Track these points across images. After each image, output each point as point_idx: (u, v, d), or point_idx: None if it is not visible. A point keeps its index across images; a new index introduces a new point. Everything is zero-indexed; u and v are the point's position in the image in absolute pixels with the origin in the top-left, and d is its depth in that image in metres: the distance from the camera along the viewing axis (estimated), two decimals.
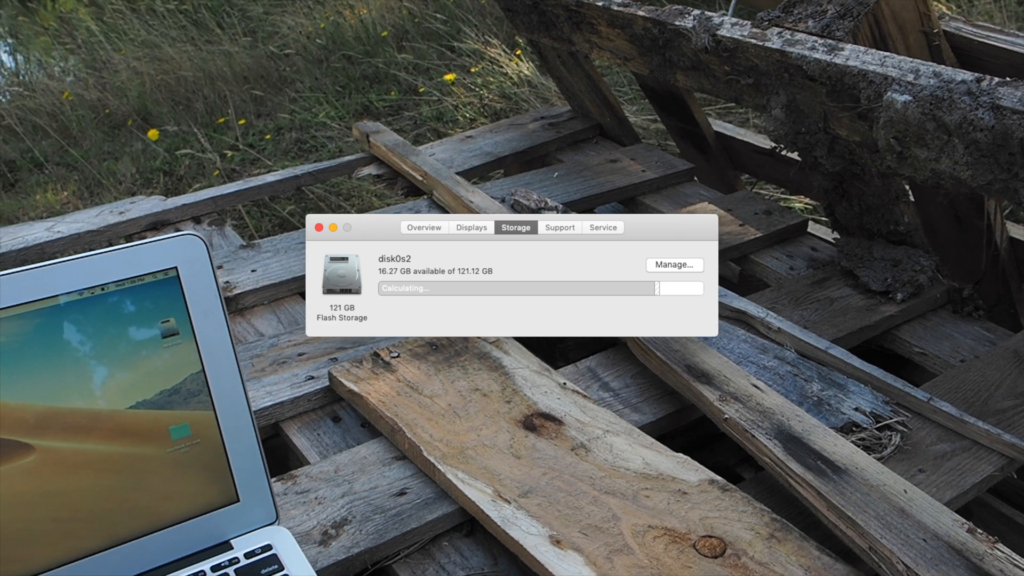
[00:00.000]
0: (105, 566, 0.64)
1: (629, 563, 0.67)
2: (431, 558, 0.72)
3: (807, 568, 0.67)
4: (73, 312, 0.63)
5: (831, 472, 0.71)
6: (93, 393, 0.63)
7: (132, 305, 0.64)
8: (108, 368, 0.63)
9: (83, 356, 0.63)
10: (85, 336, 0.63)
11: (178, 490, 0.66)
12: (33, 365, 0.61)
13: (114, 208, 1.18)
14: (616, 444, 0.78)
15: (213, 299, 0.67)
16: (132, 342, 0.64)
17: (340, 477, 0.77)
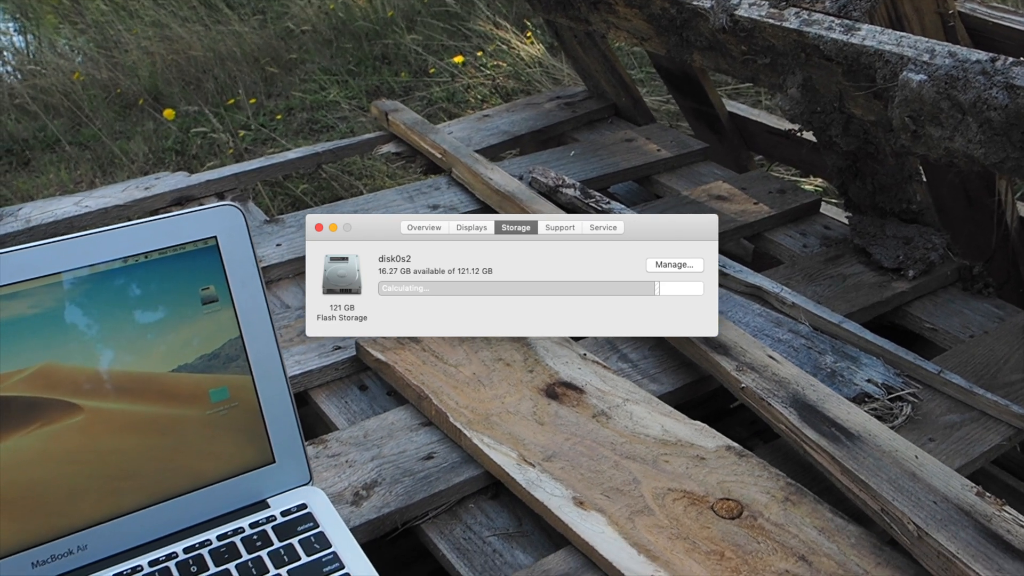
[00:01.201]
0: (149, 522, 0.67)
1: (650, 523, 0.69)
2: (458, 519, 0.75)
3: (821, 529, 0.69)
4: (119, 279, 0.65)
5: (845, 439, 0.74)
6: (137, 357, 0.66)
7: (174, 273, 0.67)
8: (151, 333, 0.66)
9: (128, 321, 0.65)
10: (130, 302, 0.65)
11: (217, 451, 0.69)
12: (80, 329, 0.64)
13: (139, 184, 1.21)
14: (636, 412, 0.80)
15: (250, 267, 0.69)
16: (174, 308, 0.67)
17: (369, 442, 0.79)
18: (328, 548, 0.67)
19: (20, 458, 0.63)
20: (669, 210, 1.20)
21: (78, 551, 0.65)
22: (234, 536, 0.67)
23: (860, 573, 0.66)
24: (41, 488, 0.63)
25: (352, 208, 1.16)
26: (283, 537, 0.67)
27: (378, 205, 1.17)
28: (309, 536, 0.68)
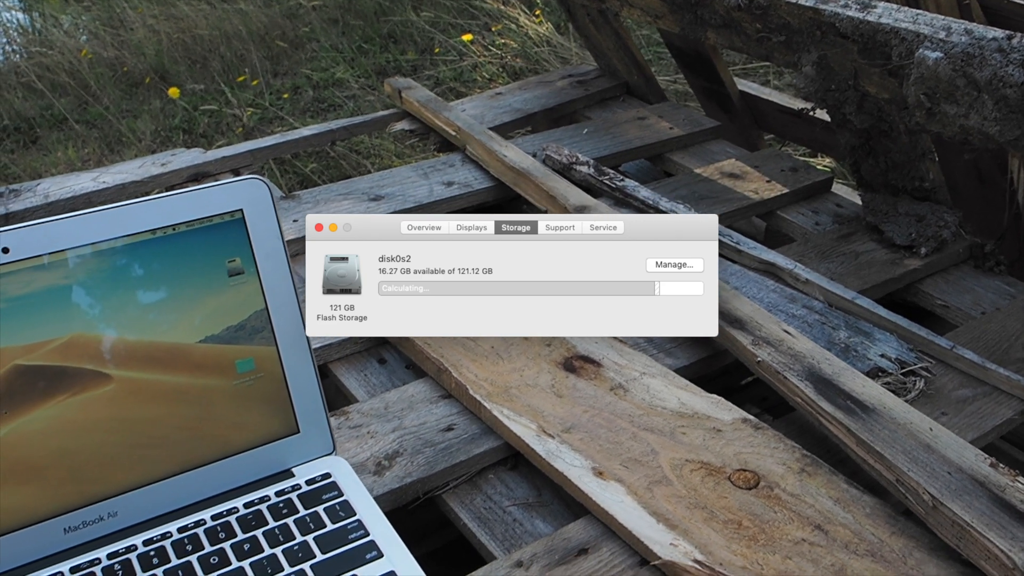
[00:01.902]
0: (177, 490, 0.68)
1: (668, 493, 0.70)
2: (478, 489, 0.76)
3: (836, 499, 0.70)
4: (147, 251, 0.66)
5: (860, 411, 0.75)
6: (165, 328, 0.67)
7: (201, 245, 0.68)
8: (179, 304, 0.67)
9: (156, 292, 0.66)
10: (158, 274, 0.66)
11: (243, 420, 0.70)
12: (110, 300, 0.65)
13: (156, 160, 1.21)
14: (652, 385, 0.81)
15: (276, 240, 0.70)
16: (201, 280, 0.68)
17: (390, 413, 0.80)
18: (353, 516, 0.68)
19: (52, 426, 0.64)
20: (681, 188, 1.21)
21: (108, 518, 0.66)
22: (260, 504, 0.69)
23: (875, 542, 0.67)
24: (72, 456, 0.64)
25: (368, 185, 1.17)
26: (308, 505, 0.69)
27: (393, 182, 1.18)
28: (334, 504, 0.69)
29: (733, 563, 0.65)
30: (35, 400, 0.63)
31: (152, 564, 0.64)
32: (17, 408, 0.63)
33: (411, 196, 1.14)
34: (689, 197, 1.17)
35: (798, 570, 0.64)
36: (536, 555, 0.67)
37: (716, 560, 0.65)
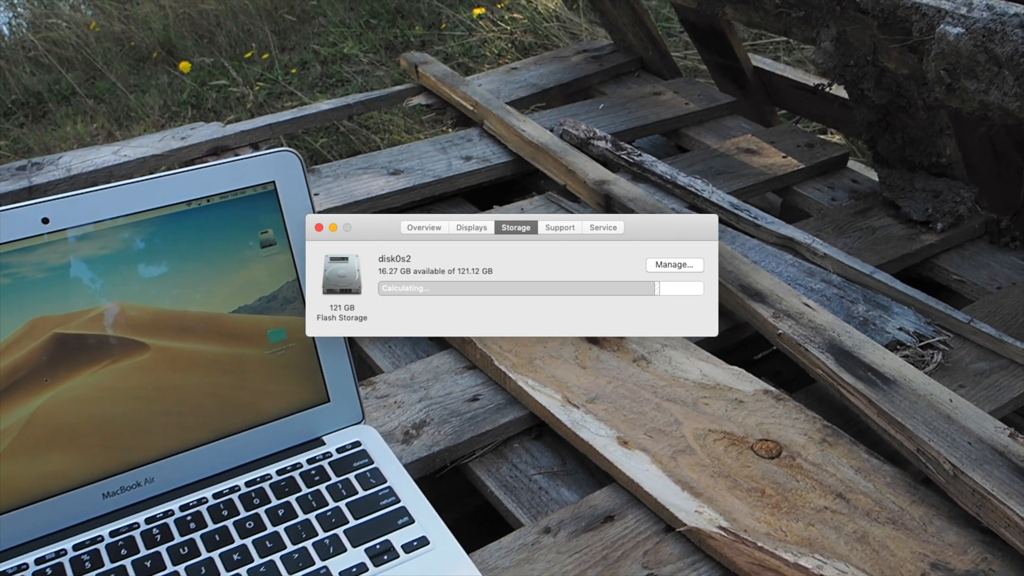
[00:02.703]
0: (212, 457, 0.69)
1: (692, 462, 0.72)
2: (504, 458, 0.77)
3: (857, 469, 0.72)
4: (183, 221, 0.67)
5: (880, 383, 0.76)
6: (200, 298, 0.68)
7: (234, 216, 0.69)
8: (213, 274, 0.68)
9: (190, 263, 0.67)
10: (192, 244, 0.67)
11: (275, 389, 0.71)
12: (147, 270, 0.66)
13: (175, 134, 1.22)
14: (674, 357, 0.83)
15: (307, 212, 0.71)
16: (234, 251, 0.69)
17: (416, 384, 0.82)
18: (384, 483, 0.69)
19: (90, 394, 0.65)
20: (698, 163, 1.21)
21: (145, 483, 0.67)
22: (293, 471, 0.70)
23: (896, 510, 0.68)
24: (111, 423, 0.66)
25: (387, 159, 1.17)
26: (340, 472, 0.70)
27: (412, 156, 1.18)
28: (365, 472, 0.70)
29: (757, 530, 0.66)
30: (74, 368, 0.64)
31: (189, 529, 0.65)
32: (57, 376, 0.64)
33: (430, 170, 1.15)
34: (706, 172, 1.18)
35: (821, 537, 0.66)
36: (563, 521, 0.69)
37: (740, 527, 0.66)
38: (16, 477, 0.63)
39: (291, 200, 0.70)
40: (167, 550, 0.64)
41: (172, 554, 0.64)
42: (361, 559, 0.64)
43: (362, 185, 1.12)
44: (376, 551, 0.64)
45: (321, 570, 0.63)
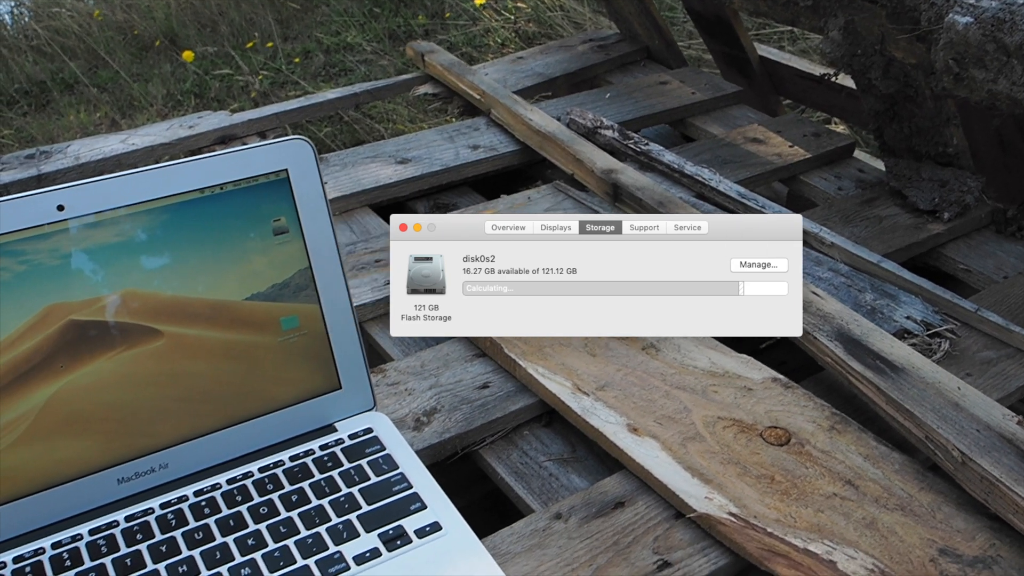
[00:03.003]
0: (225, 443, 0.70)
1: (702, 449, 0.72)
2: (514, 445, 0.78)
3: (866, 456, 0.72)
4: (196, 209, 0.67)
5: (889, 370, 0.77)
6: (213, 285, 0.68)
7: (247, 204, 0.69)
8: (226, 262, 0.69)
9: (204, 250, 0.68)
10: (206, 232, 0.68)
11: (288, 376, 0.72)
12: (160, 257, 0.66)
13: (183, 123, 1.22)
14: (683, 345, 0.83)
15: (319, 200, 0.71)
16: (247, 239, 0.69)
17: (426, 371, 0.82)
18: (396, 469, 0.70)
19: (106, 380, 0.65)
20: (705, 152, 1.22)
21: (160, 469, 0.68)
22: (305, 457, 0.71)
23: (905, 497, 0.69)
24: (125, 409, 0.66)
25: (395, 148, 1.18)
26: (352, 459, 0.71)
27: (419, 145, 1.19)
28: (377, 458, 0.71)
29: (767, 516, 0.66)
30: (89, 355, 0.65)
31: (204, 514, 0.66)
32: (72, 362, 0.64)
33: (438, 159, 1.15)
34: (712, 162, 1.18)
35: (830, 523, 0.66)
36: (574, 507, 0.69)
37: (750, 513, 0.67)
38: (32, 463, 0.64)
39: (304, 188, 0.71)
40: (182, 535, 0.64)
41: (187, 539, 0.64)
42: (374, 544, 0.64)
43: (370, 173, 1.12)
44: (389, 536, 0.65)
45: (335, 555, 0.63)
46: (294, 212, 0.71)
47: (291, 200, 0.70)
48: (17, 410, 0.63)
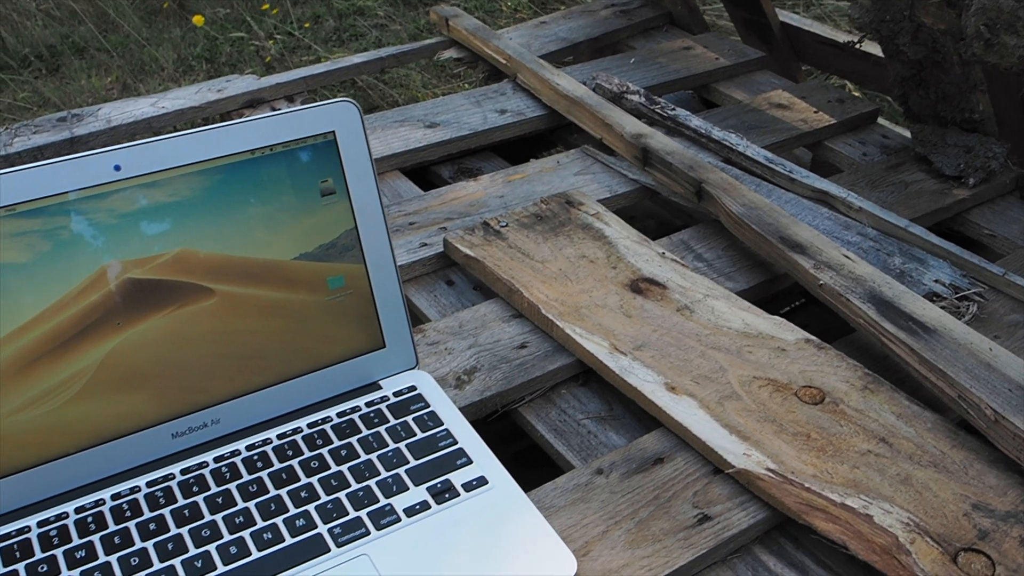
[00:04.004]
0: (274, 399, 0.72)
1: (738, 407, 0.74)
2: (552, 403, 0.79)
3: (898, 415, 0.74)
4: (247, 170, 0.69)
5: (921, 332, 0.78)
6: (263, 245, 0.70)
7: (295, 165, 0.70)
8: (276, 222, 0.70)
9: (254, 211, 0.69)
10: (256, 193, 0.69)
11: (334, 335, 0.73)
12: (213, 218, 0.68)
13: (211, 86, 1.23)
14: (717, 307, 0.85)
15: (365, 162, 0.73)
16: (296, 199, 0.70)
17: (465, 331, 0.84)
18: (441, 425, 0.72)
19: (160, 337, 0.67)
20: (731, 118, 1.22)
21: (212, 424, 0.70)
22: (352, 414, 0.72)
23: (937, 454, 0.70)
24: (179, 365, 0.68)
25: (423, 112, 1.19)
26: (398, 415, 0.72)
27: (447, 109, 1.19)
28: (422, 415, 0.72)
29: (804, 472, 0.68)
30: (145, 312, 0.66)
31: (256, 468, 0.68)
32: (129, 319, 0.66)
33: (466, 124, 1.16)
34: (738, 127, 1.19)
35: (866, 479, 0.68)
36: (615, 463, 0.71)
37: (788, 469, 0.68)
38: (91, 416, 0.65)
39: (350, 150, 0.72)
40: (236, 487, 0.66)
41: (241, 491, 0.66)
42: (423, 497, 0.66)
43: (399, 137, 1.13)
44: (437, 490, 0.67)
45: (386, 507, 0.65)
46: (341, 173, 0.72)
47: (338, 162, 0.72)
48: (77, 365, 0.65)
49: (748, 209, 0.93)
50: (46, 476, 0.65)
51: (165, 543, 0.62)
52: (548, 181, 1.06)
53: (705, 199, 0.98)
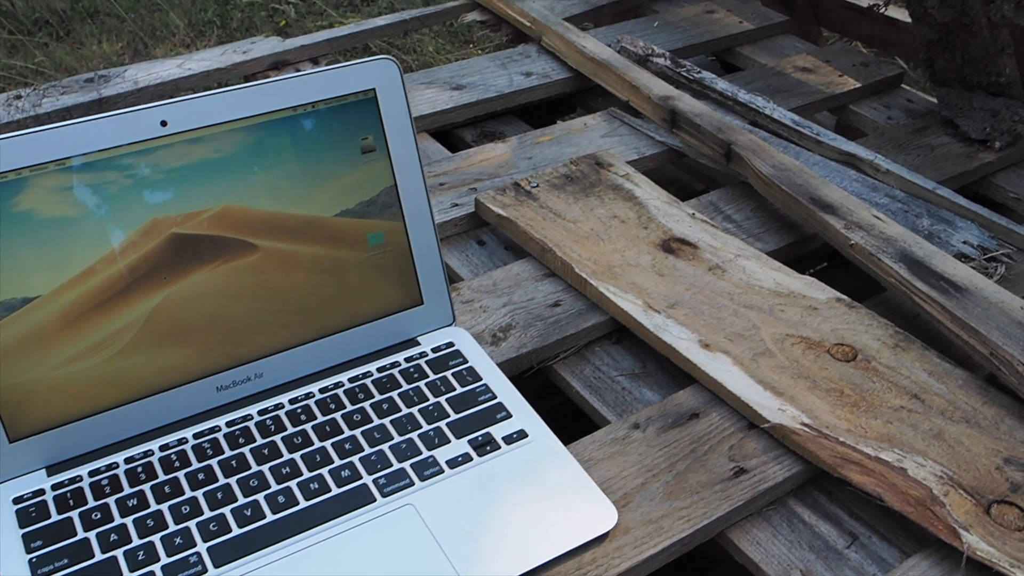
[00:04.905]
0: (315, 354, 0.73)
1: (772, 364, 0.75)
2: (587, 360, 0.80)
3: (930, 372, 0.75)
4: (290, 127, 0.69)
5: (953, 290, 0.79)
6: (305, 201, 0.70)
7: (337, 123, 0.71)
8: (317, 179, 0.71)
9: (296, 167, 0.70)
10: (298, 149, 0.70)
11: (373, 291, 0.74)
12: (257, 173, 0.68)
13: (237, 48, 1.23)
14: (748, 266, 0.85)
15: (404, 119, 0.73)
16: (337, 156, 0.71)
17: (499, 290, 0.85)
18: (479, 380, 0.73)
19: (205, 292, 0.68)
20: (756, 81, 1.22)
21: (255, 378, 0.71)
22: (392, 369, 0.74)
23: (969, 410, 0.72)
24: (222, 320, 0.69)
25: (449, 74, 1.19)
26: (437, 370, 0.73)
27: (473, 72, 1.19)
28: (461, 370, 0.74)
29: (838, 427, 0.69)
30: (190, 267, 0.67)
31: (300, 420, 0.69)
32: (175, 274, 0.67)
33: (492, 86, 1.16)
34: (764, 90, 1.19)
35: (899, 434, 0.69)
36: (651, 418, 0.72)
37: (822, 424, 0.69)
38: (139, 369, 0.67)
39: (390, 107, 0.72)
40: (282, 439, 0.68)
41: (287, 444, 0.67)
42: (465, 449, 0.67)
43: (426, 99, 1.13)
44: (479, 442, 0.68)
45: (429, 459, 0.67)
46: (381, 131, 0.72)
47: (378, 119, 0.72)
48: (125, 318, 0.66)
49: (778, 170, 0.94)
50: (96, 427, 0.66)
51: (215, 492, 0.64)
52: (575, 143, 1.06)
53: (734, 161, 0.98)
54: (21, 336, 0.63)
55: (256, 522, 0.62)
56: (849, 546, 0.65)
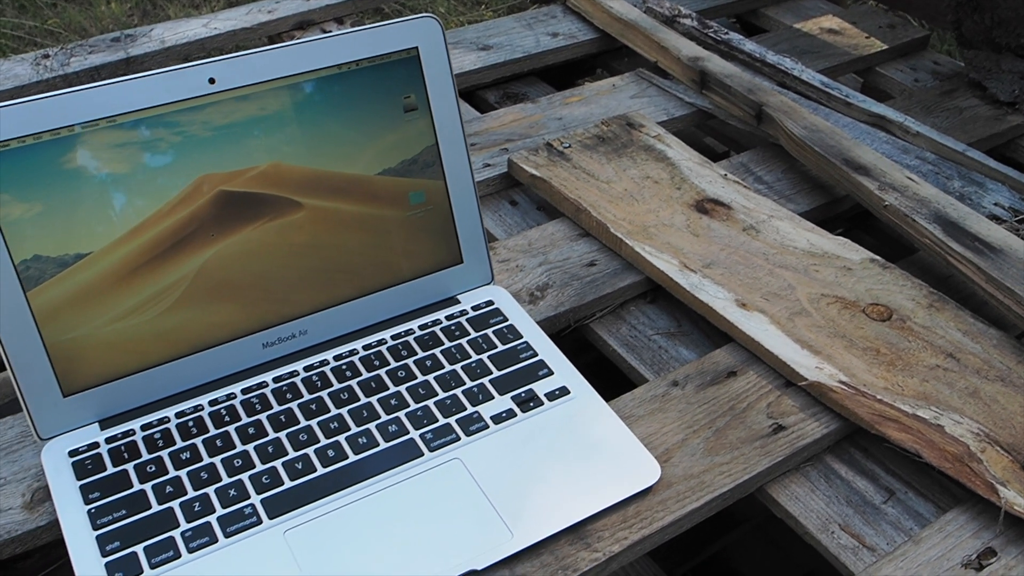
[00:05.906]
0: (358, 312, 0.74)
1: (808, 323, 0.76)
2: (622, 320, 0.81)
3: (964, 332, 0.76)
4: (334, 85, 0.69)
5: (988, 251, 0.80)
6: (349, 159, 0.71)
7: (379, 81, 0.71)
8: (361, 137, 0.71)
9: (340, 126, 0.70)
10: (342, 108, 0.70)
11: (414, 250, 0.75)
12: (302, 132, 0.69)
13: (262, 7, 1.23)
14: (781, 227, 0.86)
15: (446, 78, 0.73)
16: (379, 115, 0.71)
17: (534, 249, 0.85)
18: (520, 338, 0.74)
19: (250, 249, 0.69)
20: (782, 42, 1.22)
21: (300, 335, 0.72)
22: (434, 327, 0.74)
23: (1004, 369, 0.72)
24: (268, 277, 0.70)
25: (475, 35, 1.18)
26: (478, 328, 0.74)
27: (499, 32, 1.19)
28: (501, 328, 0.74)
29: (875, 384, 0.70)
30: (237, 224, 0.68)
31: (345, 376, 0.70)
32: (222, 231, 0.67)
33: (519, 46, 1.16)
34: (791, 51, 1.19)
35: (935, 392, 0.70)
36: (689, 376, 0.73)
37: (860, 382, 0.70)
38: (188, 325, 0.67)
39: (433, 66, 0.73)
40: (328, 395, 0.69)
41: (333, 399, 0.68)
42: (509, 405, 0.69)
43: (454, 59, 1.13)
44: (522, 399, 0.69)
45: (474, 415, 0.68)
46: (423, 90, 0.73)
47: (420, 78, 0.72)
48: (174, 275, 0.66)
49: (810, 132, 0.94)
50: (147, 382, 0.67)
51: (265, 446, 0.65)
52: (604, 104, 1.06)
53: (765, 122, 0.98)
54: (74, 292, 0.63)
55: (307, 475, 0.63)
56: (886, 501, 0.66)
